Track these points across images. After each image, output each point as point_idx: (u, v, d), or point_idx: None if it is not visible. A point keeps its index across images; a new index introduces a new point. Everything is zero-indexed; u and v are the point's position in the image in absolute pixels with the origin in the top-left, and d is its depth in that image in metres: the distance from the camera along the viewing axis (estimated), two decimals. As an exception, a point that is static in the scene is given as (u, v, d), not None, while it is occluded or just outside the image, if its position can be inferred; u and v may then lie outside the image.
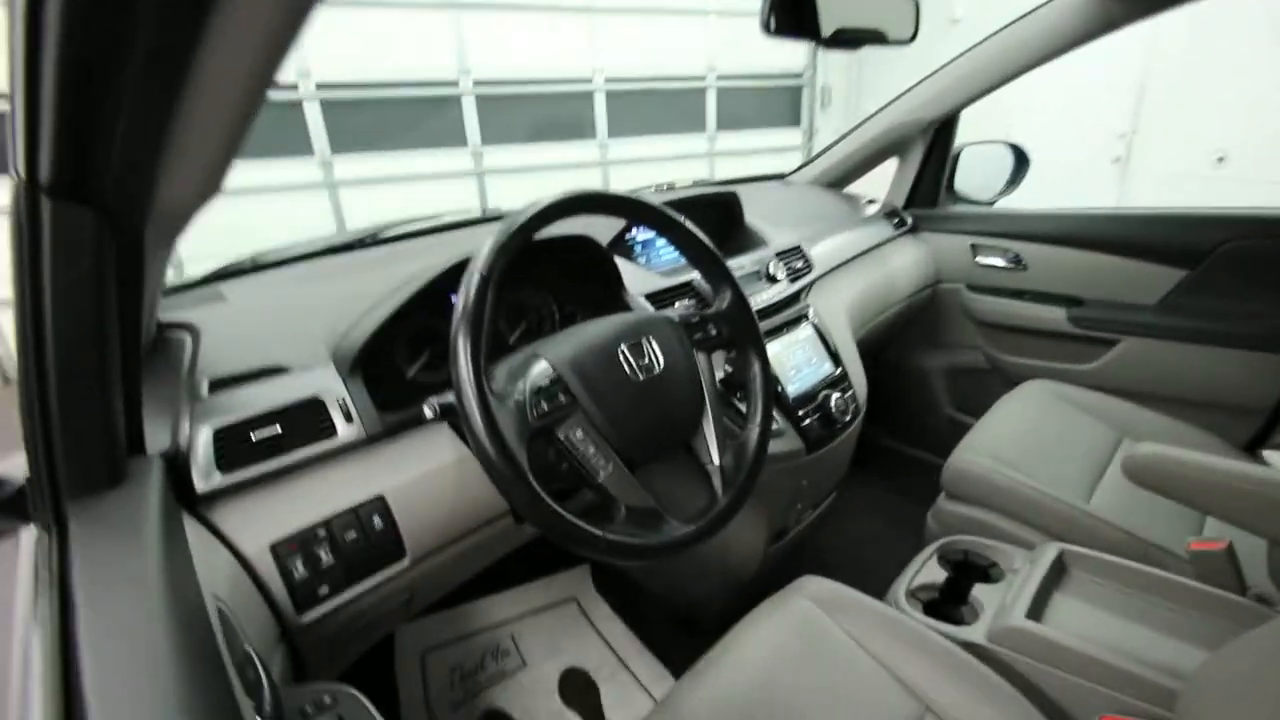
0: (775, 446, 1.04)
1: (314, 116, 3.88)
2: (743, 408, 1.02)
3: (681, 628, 1.36)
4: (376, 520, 0.70)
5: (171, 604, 0.43)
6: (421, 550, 0.74)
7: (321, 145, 3.95)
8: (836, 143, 1.81)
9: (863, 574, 1.52)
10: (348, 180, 4.06)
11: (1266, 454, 1.28)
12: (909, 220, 1.78)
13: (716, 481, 0.73)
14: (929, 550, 1.11)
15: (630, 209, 0.72)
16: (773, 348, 1.12)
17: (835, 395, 1.13)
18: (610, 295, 0.98)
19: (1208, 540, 0.95)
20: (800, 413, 1.09)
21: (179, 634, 0.41)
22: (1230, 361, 1.38)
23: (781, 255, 1.28)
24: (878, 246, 1.63)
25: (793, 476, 1.09)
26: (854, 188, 1.89)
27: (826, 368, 1.19)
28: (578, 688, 1.20)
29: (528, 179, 4.43)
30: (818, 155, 1.87)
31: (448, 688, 1.20)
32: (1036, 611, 0.90)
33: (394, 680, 1.21)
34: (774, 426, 1.05)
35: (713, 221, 1.35)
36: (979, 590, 1.01)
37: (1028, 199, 1.76)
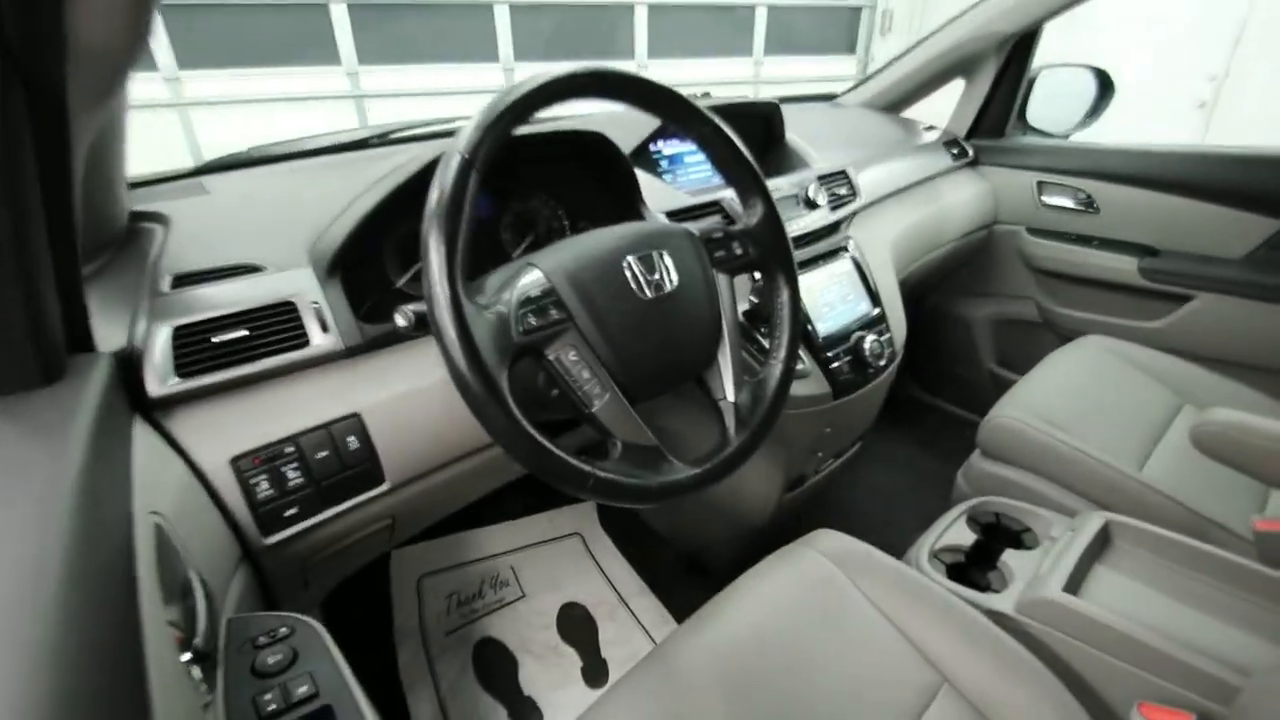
0: (799, 389, 0.95)
1: (341, 21, 3.69)
2: (767, 344, 0.94)
3: (687, 571, 1.32)
4: (352, 440, 0.64)
5: (80, 514, 0.37)
6: (402, 476, 0.68)
7: (349, 54, 3.78)
8: (896, 60, 1.63)
9: (883, 531, 1.47)
10: (375, 93, 3.90)
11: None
12: (970, 151, 1.61)
13: (729, 420, 0.64)
14: (957, 510, 1.02)
15: (648, 95, 0.61)
16: (806, 279, 1.01)
17: (870, 338, 1.03)
18: (627, 210, 0.88)
19: (1276, 519, 0.85)
20: (829, 354, 0.99)
21: (80, 551, 0.35)
22: (1322, 327, 1.23)
23: (824, 179, 1.15)
24: (932, 179, 1.47)
25: (815, 422, 1.01)
26: (912, 113, 1.71)
27: (863, 307, 1.08)
28: (576, 623, 1.18)
29: (560, 100, 4.21)
30: (873, 74, 1.68)
31: (444, 613, 1.18)
32: (1074, 584, 0.82)
33: (389, 603, 1.20)
34: (800, 367, 0.96)
35: (750, 136, 1.21)
36: (1010, 556, 0.93)
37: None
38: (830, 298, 1.04)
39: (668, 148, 1.12)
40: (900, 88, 1.64)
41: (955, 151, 1.57)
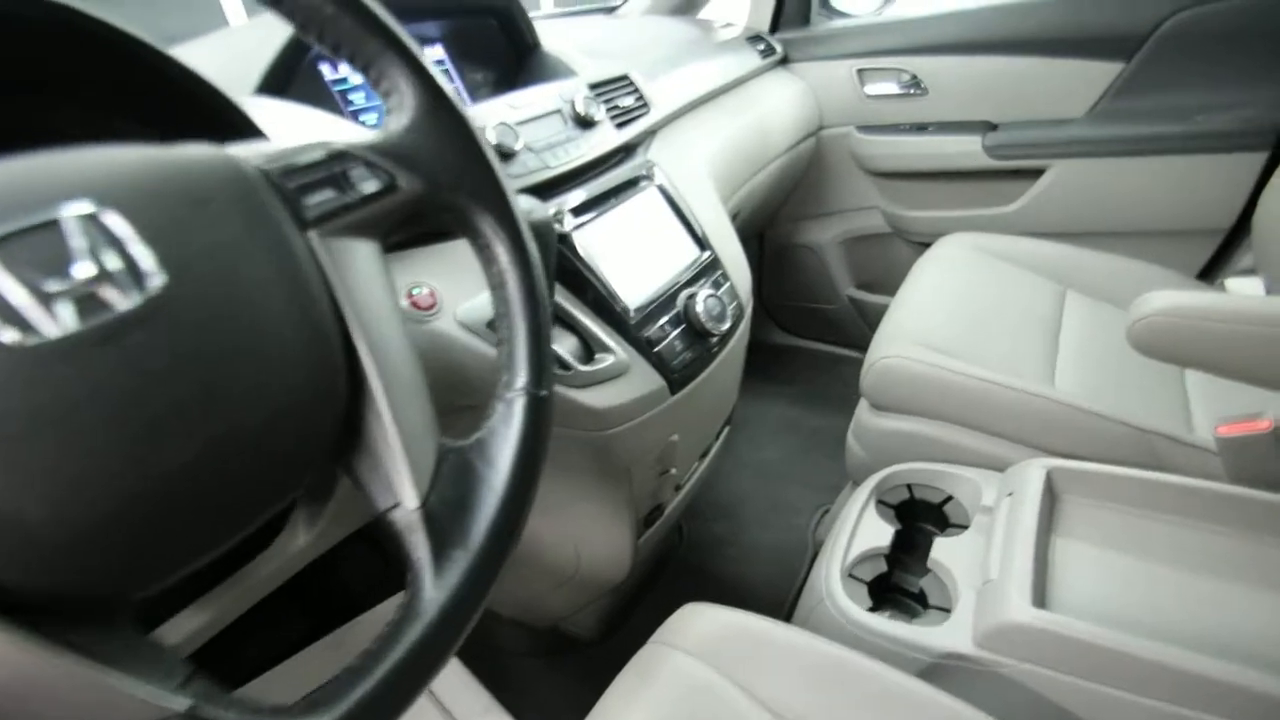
0: (616, 395, 0.63)
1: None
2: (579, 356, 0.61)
3: (548, 653, 0.99)
4: None
5: None
6: None
7: None
8: (673, -50, 1.33)
9: (781, 521, 1.18)
10: None
11: (1230, 283, 1.03)
12: (778, 48, 1.35)
13: (416, 549, 0.30)
14: (862, 495, 0.77)
15: None
16: (596, 230, 0.69)
17: (704, 294, 0.72)
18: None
19: (1241, 420, 0.66)
20: (651, 332, 0.68)
21: None
22: (1180, 173, 1.10)
23: (599, 88, 0.82)
24: (742, 82, 1.20)
25: (655, 433, 0.70)
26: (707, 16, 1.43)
27: (687, 253, 0.78)
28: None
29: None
30: (651, -27, 1.37)
31: None
32: (1040, 584, 0.58)
33: None
34: (609, 361, 0.63)
35: (481, 45, 0.86)
36: (941, 548, 0.68)
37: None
38: (637, 249, 0.72)
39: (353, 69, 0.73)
40: (684, -17, 1.34)
41: (761, 48, 1.31)
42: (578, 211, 0.68)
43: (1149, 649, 0.50)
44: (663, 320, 0.69)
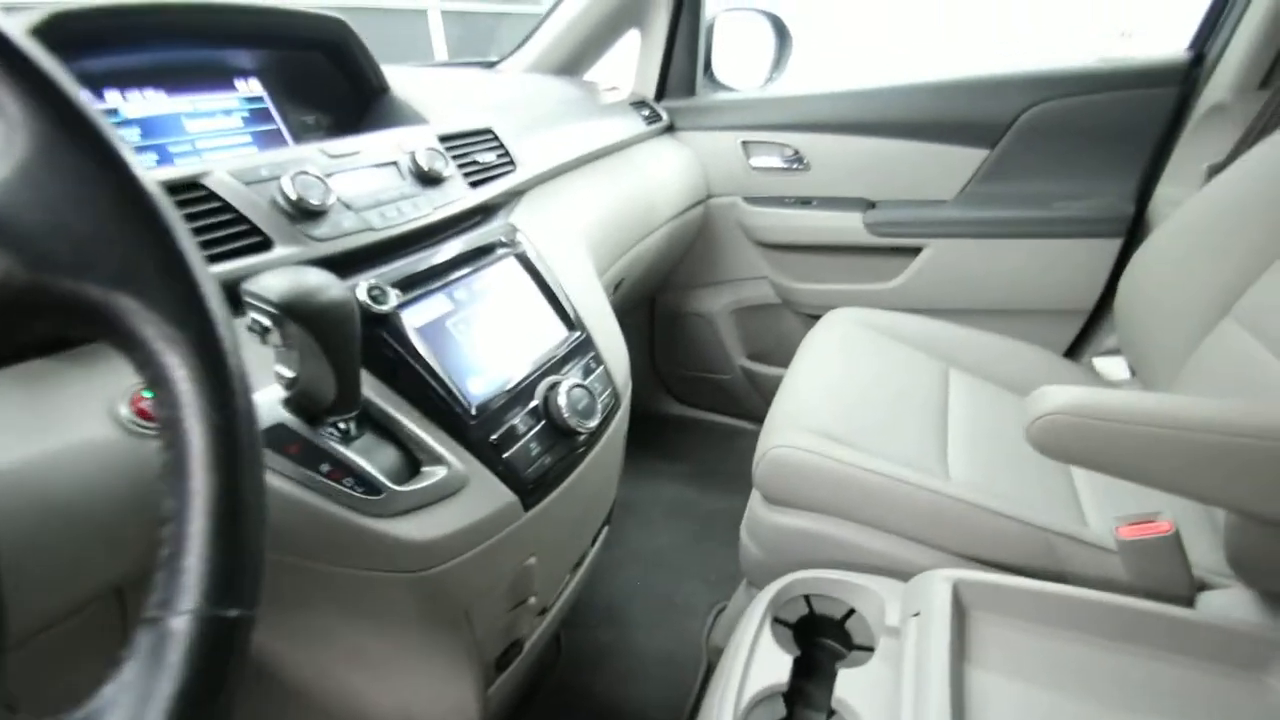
0: (445, 521, 0.49)
1: None
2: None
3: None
4: None
5: None
6: None
7: None
8: (555, 8, 1.27)
9: (674, 628, 1.04)
10: None
11: (1096, 363, 1.06)
12: (664, 115, 1.32)
13: None
14: (757, 611, 0.66)
15: None
16: (427, 310, 0.56)
17: (569, 384, 0.61)
18: None
19: (1140, 521, 0.62)
20: (498, 434, 0.55)
21: None
22: (1044, 256, 1.14)
23: (451, 141, 0.71)
24: (626, 146, 1.14)
25: (503, 560, 0.56)
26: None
27: (552, 334, 0.66)
28: None
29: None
30: (534, 30, 1.31)
31: None
32: (960, 736, 0.49)
33: None
34: (441, 475, 0.49)
35: (313, 82, 0.73)
36: (846, 686, 0.58)
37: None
38: (488, 331, 0.60)
39: (137, 103, 0.58)
40: (569, 44, 1.28)
41: (646, 114, 1.26)
42: (409, 285, 0.55)
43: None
44: (516, 418, 0.57)
